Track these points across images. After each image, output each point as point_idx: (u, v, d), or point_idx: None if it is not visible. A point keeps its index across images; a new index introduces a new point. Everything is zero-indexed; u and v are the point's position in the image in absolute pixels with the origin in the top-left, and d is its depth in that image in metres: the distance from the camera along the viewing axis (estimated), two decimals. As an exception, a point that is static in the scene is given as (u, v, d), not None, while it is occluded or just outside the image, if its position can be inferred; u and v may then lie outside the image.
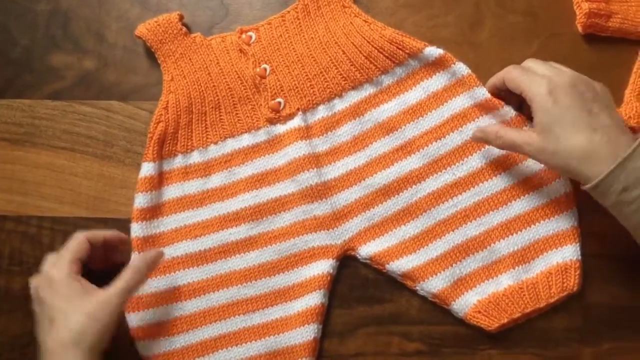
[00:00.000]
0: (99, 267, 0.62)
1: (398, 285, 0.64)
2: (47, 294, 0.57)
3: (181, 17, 0.67)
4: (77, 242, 0.60)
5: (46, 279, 0.58)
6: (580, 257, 0.60)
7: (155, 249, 0.61)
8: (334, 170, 0.64)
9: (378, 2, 0.68)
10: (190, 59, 0.66)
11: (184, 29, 0.67)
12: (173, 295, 0.64)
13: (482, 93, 0.63)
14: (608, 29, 0.66)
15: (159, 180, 0.65)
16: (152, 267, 0.60)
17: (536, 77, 0.56)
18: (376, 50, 0.64)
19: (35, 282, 0.59)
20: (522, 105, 0.62)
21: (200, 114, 0.65)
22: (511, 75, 0.57)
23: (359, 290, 0.65)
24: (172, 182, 0.66)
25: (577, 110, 0.53)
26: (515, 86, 0.57)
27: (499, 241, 0.62)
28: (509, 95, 0.61)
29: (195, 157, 0.65)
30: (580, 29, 0.66)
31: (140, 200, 0.65)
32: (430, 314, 0.64)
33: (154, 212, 0.65)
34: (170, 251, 0.64)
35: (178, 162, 0.65)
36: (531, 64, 0.58)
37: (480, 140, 0.61)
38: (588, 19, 0.65)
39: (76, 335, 0.54)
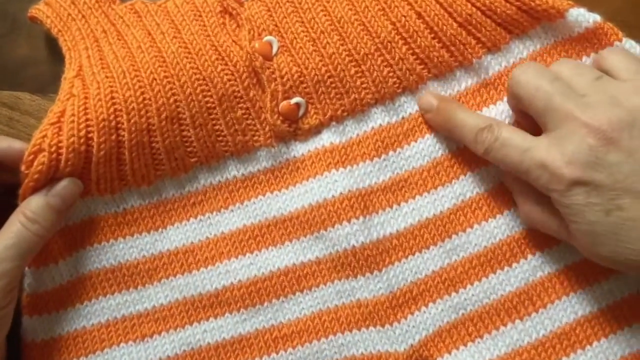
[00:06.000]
0: None
1: None
2: None
3: None
4: None
5: None
6: None
7: (68, 178, 0.44)
8: (396, 220, 0.45)
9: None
10: (120, 36, 0.46)
11: None
12: None
13: None
14: None
15: (66, 241, 0.45)
16: (64, 208, 0.43)
17: (562, 110, 0.39)
18: (480, 13, 0.45)
19: None
20: None
21: (139, 131, 0.44)
22: (522, 88, 0.41)
23: None
24: (93, 242, 0.46)
25: None
26: (526, 108, 0.41)
27: None
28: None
29: (134, 198, 0.46)
30: None
31: (33, 280, 0.45)
32: None
33: (60, 297, 0.45)
34: None
35: (102, 206, 0.46)
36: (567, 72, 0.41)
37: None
38: None
39: None
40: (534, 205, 0.40)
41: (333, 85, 0.44)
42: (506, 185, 0.43)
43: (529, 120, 0.42)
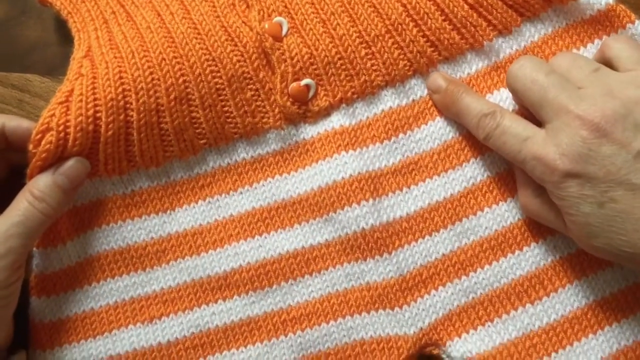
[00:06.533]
0: None
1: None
2: None
3: None
4: None
5: None
6: None
7: (75, 158, 0.42)
8: (407, 203, 0.43)
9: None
10: (129, 17, 0.44)
11: None
12: None
13: None
14: None
15: (74, 223, 0.44)
16: (71, 187, 0.42)
17: (556, 103, 0.38)
18: None
19: None
20: None
21: (147, 111, 0.42)
22: (519, 82, 0.40)
23: None
24: (101, 224, 0.45)
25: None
26: (523, 101, 0.41)
27: None
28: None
29: (143, 179, 0.44)
30: None
31: (41, 261, 0.43)
32: None
33: (68, 278, 0.44)
34: (106, 346, 0.43)
35: (110, 187, 0.45)
36: (564, 62, 0.40)
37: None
38: None
39: None
40: (532, 196, 0.40)
41: (343, 67, 0.43)
42: (515, 170, 0.42)
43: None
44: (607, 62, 0.39)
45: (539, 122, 0.39)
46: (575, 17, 0.43)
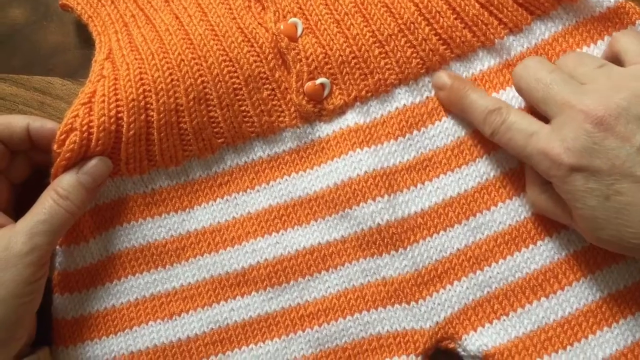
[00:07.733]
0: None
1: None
2: None
3: None
4: None
5: None
6: None
7: (98, 157, 0.42)
8: (421, 199, 0.43)
9: None
10: (149, 20, 0.45)
11: None
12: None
13: None
14: None
15: (96, 221, 0.44)
16: (94, 186, 0.42)
17: (557, 99, 0.38)
18: None
19: None
20: None
21: (167, 111, 0.42)
22: (524, 81, 0.40)
23: None
24: (122, 222, 0.45)
25: None
26: (528, 100, 0.41)
27: None
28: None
29: (163, 178, 0.44)
30: None
31: (64, 259, 0.44)
32: None
33: (90, 275, 0.44)
34: (127, 342, 0.43)
35: (131, 186, 0.45)
36: (571, 62, 0.40)
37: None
38: None
39: None
40: (539, 191, 0.39)
41: (357, 66, 0.43)
42: (525, 166, 0.42)
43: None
44: (614, 56, 0.39)
45: (545, 120, 0.38)
46: (585, 14, 0.42)
